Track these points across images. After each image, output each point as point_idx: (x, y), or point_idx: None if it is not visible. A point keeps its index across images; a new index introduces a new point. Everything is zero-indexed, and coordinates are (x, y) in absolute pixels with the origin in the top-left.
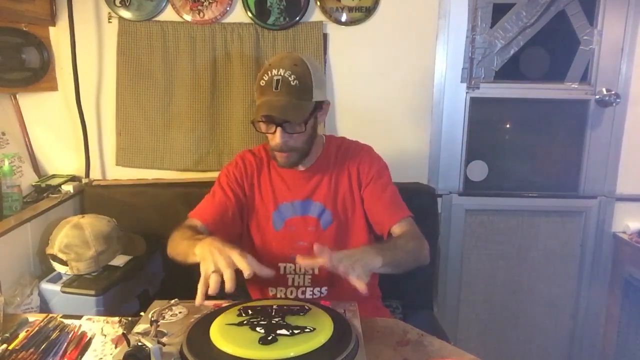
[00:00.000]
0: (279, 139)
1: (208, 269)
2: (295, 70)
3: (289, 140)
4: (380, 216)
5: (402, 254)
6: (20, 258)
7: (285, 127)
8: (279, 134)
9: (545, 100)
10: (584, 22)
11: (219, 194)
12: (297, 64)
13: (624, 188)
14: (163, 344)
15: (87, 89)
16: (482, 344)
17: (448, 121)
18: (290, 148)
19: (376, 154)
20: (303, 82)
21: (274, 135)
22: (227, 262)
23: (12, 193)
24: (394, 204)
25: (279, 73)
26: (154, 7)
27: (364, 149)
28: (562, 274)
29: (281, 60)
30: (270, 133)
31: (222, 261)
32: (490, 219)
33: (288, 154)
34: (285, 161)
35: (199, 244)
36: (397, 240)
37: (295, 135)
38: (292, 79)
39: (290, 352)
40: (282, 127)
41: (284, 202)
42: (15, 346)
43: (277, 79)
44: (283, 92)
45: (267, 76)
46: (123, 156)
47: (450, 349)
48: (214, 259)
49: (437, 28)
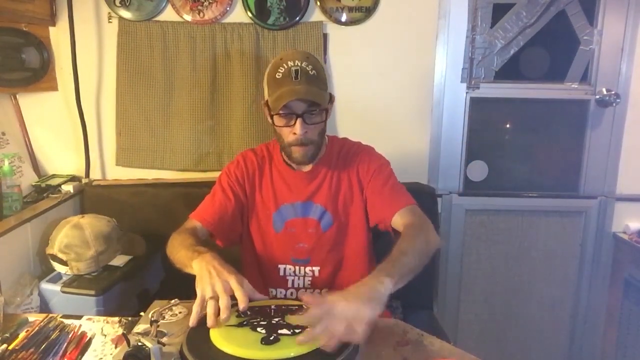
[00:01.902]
0: (299, 130)
1: (205, 292)
2: (310, 61)
3: (308, 132)
4: (382, 211)
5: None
6: (20, 258)
7: (305, 118)
8: (299, 124)
9: (545, 100)
10: (584, 22)
11: (219, 195)
12: (308, 57)
13: (624, 188)
14: (163, 344)
15: (87, 89)
16: (482, 344)
17: (448, 121)
18: (309, 140)
19: (377, 153)
20: (319, 71)
21: (292, 128)
22: (225, 287)
23: (12, 193)
24: (393, 195)
25: (296, 64)
26: (154, 7)
27: (365, 149)
28: (562, 274)
29: (293, 54)
30: (290, 126)
31: (220, 286)
32: (490, 219)
33: (307, 148)
34: (304, 155)
35: (197, 260)
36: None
37: (313, 126)
38: (310, 68)
39: (290, 352)
40: (303, 119)
41: (284, 203)
42: (15, 346)
43: (296, 70)
44: (303, 80)
45: (283, 68)
46: (123, 156)
47: (450, 349)
48: (211, 281)
49: (437, 28)
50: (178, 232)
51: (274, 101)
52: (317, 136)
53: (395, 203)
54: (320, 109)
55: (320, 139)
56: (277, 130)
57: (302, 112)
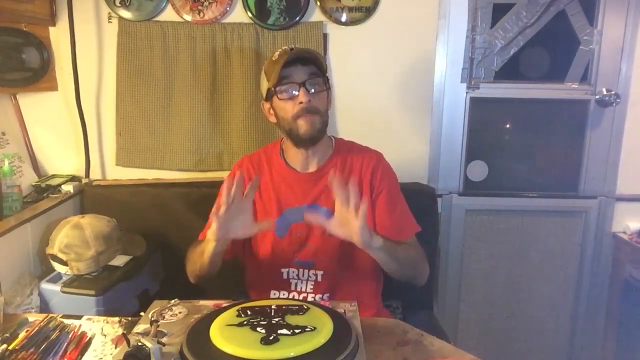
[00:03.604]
0: (304, 97)
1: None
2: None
3: (312, 100)
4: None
5: (402, 253)
6: (20, 258)
7: (307, 85)
8: (303, 92)
9: (545, 100)
10: (584, 22)
11: None
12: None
13: (624, 188)
14: (163, 344)
15: (87, 89)
16: (482, 344)
17: (448, 121)
18: (314, 109)
19: (389, 164)
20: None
21: (296, 99)
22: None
23: (12, 193)
24: (402, 223)
25: (290, 46)
26: (154, 7)
27: (377, 155)
28: (562, 273)
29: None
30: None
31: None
32: (490, 219)
33: (313, 117)
34: (311, 125)
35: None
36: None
37: (317, 95)
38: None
39: (290, 352)
40: (305, 87)
41: (288, 207)
42: (15, 346)
43: (291, 47)
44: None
45: (278, 51)
46: (123, 156)
47: (450, 349)
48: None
49: (437, 28)
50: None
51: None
52: (322, 108)
53: (404, 232)
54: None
55: (325, 115)
56: (281, 114)
57: (304, 80)
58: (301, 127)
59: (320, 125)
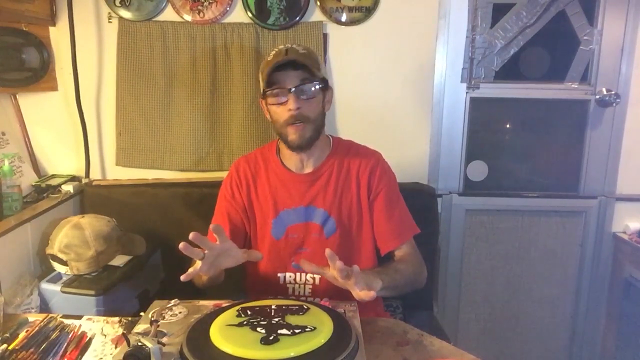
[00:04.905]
0: (293, 104)
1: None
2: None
3: (302, 107)
4: (386, 235)
5: (401, 279)
6: (20, 258)
7: (297, 92)
8: (292, 99)
9: (545, 100)
10: (584, 22)
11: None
12: (300, 45)
13: (624, 188)
14: (163, 344)
15: (87, 89)
16: (482, 344)
17: (448, 121)
18: (304, 117)
19: (388, 164)
20: (310, 52)
21: (285, 104)
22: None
23: (12, 193)
24: (401, 225)
25: (286, 45)
26: (154, 7)
27: (375, 155)
28: (562, 273)
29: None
30: (283, 103)
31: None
32: (490, 219)
33: (303, 126)
34: (299, 135)
35: None
36: (397, 265)
37: (308, 102)
38: (300, 48)
39: (290, 352)
40: (295, 94)
41: (285, 208)
42: (15, 346)
43: (286, 48)
44: (293, 54)
45: (274, 52)
46: (123, 156)
47: (450, 349)
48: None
49: (437, 28)
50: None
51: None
52: (313, 115)
53: (403, 235)
54: (314, 85)
55: (318, 121)
56: (274, 117)
57: (294, 86)
58: (290, 135)
59: (310, 133)
